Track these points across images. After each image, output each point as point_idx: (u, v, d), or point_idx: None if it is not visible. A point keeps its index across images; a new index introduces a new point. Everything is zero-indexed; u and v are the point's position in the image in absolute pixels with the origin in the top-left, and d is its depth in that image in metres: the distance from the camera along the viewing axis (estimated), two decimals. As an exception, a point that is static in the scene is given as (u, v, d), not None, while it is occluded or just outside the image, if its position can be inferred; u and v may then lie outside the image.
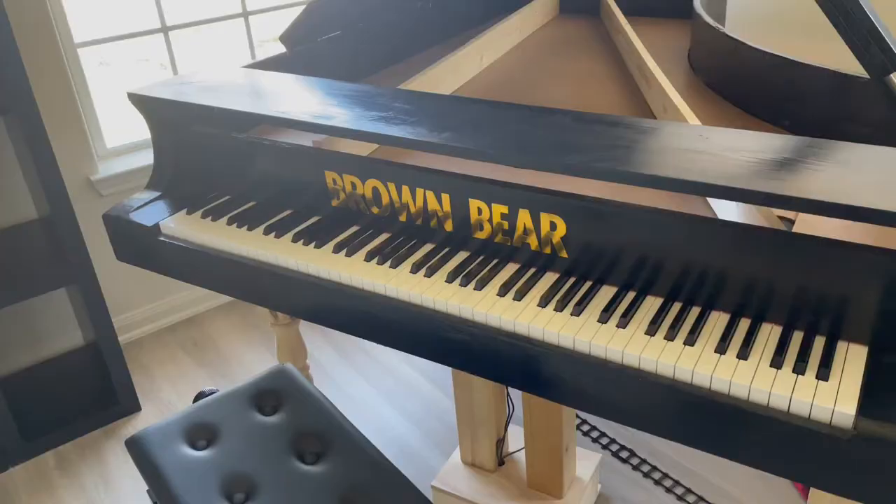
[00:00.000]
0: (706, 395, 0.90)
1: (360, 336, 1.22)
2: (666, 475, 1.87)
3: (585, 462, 1.75)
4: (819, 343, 0.93)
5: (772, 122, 1.50)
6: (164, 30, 2.47)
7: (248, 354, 2.52)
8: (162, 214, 1.45)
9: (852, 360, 0.90)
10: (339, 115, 1.23)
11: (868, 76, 1.13)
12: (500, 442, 1.72)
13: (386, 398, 2.26)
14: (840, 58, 1.18)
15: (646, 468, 1.90)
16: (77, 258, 2.01)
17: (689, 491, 1.82)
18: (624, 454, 1.94)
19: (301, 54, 1.78)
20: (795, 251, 0.93)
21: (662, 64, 1.91)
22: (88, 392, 2.29)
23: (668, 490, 1.83)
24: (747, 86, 1.58)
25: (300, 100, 1.33)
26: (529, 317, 1.03)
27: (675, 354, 0.93)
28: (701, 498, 1.80)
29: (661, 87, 1.49)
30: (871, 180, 0.89)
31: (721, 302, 1.00)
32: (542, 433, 1.58)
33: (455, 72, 1.85)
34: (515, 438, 1.78)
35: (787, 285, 0.95)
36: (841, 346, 0.93)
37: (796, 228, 1.03)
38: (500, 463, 1.75)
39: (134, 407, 2.27)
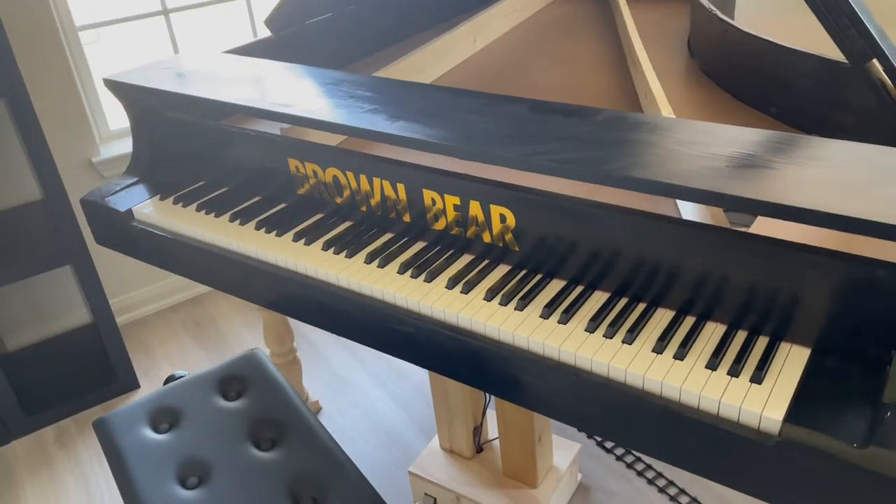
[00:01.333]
0: (639, 394, 0.88)
1: (317, 326, 1.22)
2: (649, 466, 1.85)
3: (564, 451, 1.74)
4: (761, 344, 0.90)
5: (760, 110, 1.45)
6: (165, 12, 2.48)
7: (245, 333, 2.55)
8: (136, 199, 1.47)
9: (792, 362, 0.87)
10: (298, 102, 1.22)
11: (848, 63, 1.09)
12: (478, 429, 1.72)
13: (376, 381, 2.27)
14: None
15: (629, 459, 1.88)
16: (71, 239, 2.04)
17: (670, 483, 1.80)
18: (608, 444, 1.92)
19: (287, 38, 1.77)
20: (742, 251, 0.90)
21: (664, 48, 1.85)
22: (89, 369, 2.35)
23: (650, 482, 1.81)
24: (737, 71, 1.53)
25: (266, 86, 1.33)
26: (473, 311, 1.02)
27: (610, 353, 0.92)
28: (682, 490, 1.77)
29: (643, 73, 1.45)
30: (823, 179, 0.85)
31: (667, 299, 0.98)
32: (514, 423, 1.57)
33: (445, 55, 1.82)
34: (495, 426, 1.77)
35: (734, 284, 0.92)
36: (784, 347, 0.90)
37: (755, 226, 0.99)
38: (479, 450, 1.75)
39: (132, 384, 2.32)
